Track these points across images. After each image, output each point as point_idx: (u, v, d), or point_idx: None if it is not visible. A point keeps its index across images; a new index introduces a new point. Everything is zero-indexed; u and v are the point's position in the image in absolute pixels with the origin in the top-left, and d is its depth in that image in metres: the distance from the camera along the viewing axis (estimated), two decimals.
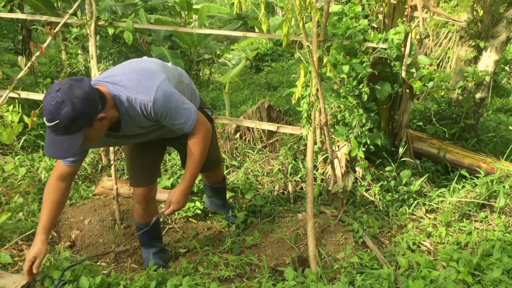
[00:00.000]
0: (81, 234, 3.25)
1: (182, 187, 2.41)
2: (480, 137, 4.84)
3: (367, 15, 3.74)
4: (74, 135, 1.95)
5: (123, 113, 2.16)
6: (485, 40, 4.61)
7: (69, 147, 1.96)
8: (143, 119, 2.23)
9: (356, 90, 3.70)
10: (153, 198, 2.90)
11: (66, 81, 1.95)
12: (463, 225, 3.26)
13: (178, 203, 2.41)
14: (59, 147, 1.97)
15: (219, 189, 3.41)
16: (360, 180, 3.85)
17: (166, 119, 2.24)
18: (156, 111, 2.17)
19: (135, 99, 2.14)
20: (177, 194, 2.41)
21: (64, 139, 1.95)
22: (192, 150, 2.37)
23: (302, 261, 2.83)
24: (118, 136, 2.34)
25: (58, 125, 1.91)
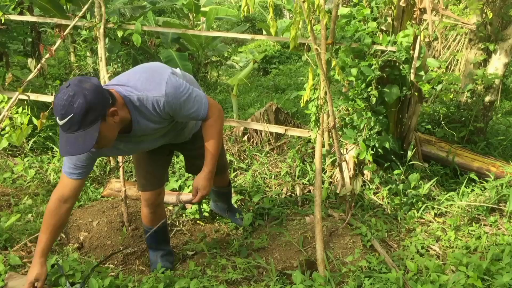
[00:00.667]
0: (89, 236, 3.26)
1: (206, 171, 2.39)
2: (489, 141, 4.80)
3: (376, 17, 3.74)
4: (89, 129, 1.93)
5: (134, 113, 2.15)
6: (495, 43, 4.58)
7: (86, 142, 1.93)
8: (155, 118, 2.20)
9: (364, 93, 3.69)
10: (161, 203, 2.90)
11: (75, 78, 1.96)
12: (472, 229, 3.24)
13: (205, 188, 2.39)
14: (75, 144, 1.93)
15: (224, 194, 3.36)
16: (368, 183, 3.83)
17: (180, 112, 2.22)
18: (169, 105, 2.15)
19: (147, 98, 2.13)
20: (202, 180, 2.39)
21: (79, 135, 1.92)
22: (209, 133, 2.36)
23: (310, 264, 2.82)
24: (128, 141, 2.32)
25: (72, 119, 1.88)
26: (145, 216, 2.90)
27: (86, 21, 4.04)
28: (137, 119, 2.18)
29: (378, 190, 3.77)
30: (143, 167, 2.78)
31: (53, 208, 2.26)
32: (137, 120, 2.18)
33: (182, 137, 2.67)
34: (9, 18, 4.44)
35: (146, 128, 2.25)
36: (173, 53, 7.49)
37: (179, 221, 3.52)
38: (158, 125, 2.28)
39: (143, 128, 2.24)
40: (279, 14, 17.12)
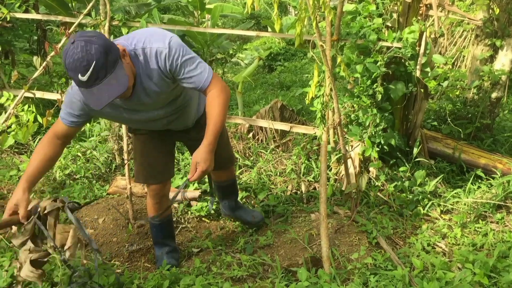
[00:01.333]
0: (95, 233, 3.27)
1: (206, 143, 2.24)
2: (496, 137, 4.77)
3: (381, 14, 3.71)
4: (116, 70, 1.93)
5: (139, 67, 2.13)
6: (502, 39, 4.54)
7: (120, 80, 1.94)
8: (158, 77, 2.18)
9: (370, 89, 3.67)
10: (166, 194, 2.89)
11: (73, 35, 1.94)
12: (478, 226, 3.22)
13: (205, 162, 2.22)
14: (111, 88, 1.92)
15: (230, 186, 3.25)
16: (373, 180, 3.82)
17: (182, 70, 2.16)
18: (171, 58, 2.12)
19: (151, 49, 2.11)
20: (202, 152, 2.23)
21: (110, 79, 1.91)
22: (212, 104, 2.24)
23: (315, 261, 2.81)
24: (129, 106, 2.28)
25: (97, 66, 1.86)
26: (150, 206, 2.89)
27: (91, 19, 4.04)
28: (140, 76, 2.16)
29: (383, 187, 3.75)
30: (149, 159, 2.74)
31: (46, 140, 2.25)
32: (140, 77, 2.16)
33: (185, 120, 2.61)
34: (14, 16, 4.45)
35: (149, 90, 2.22)
36: None
37: (184, 218, 3.52)
38: (159, 89, 2.23)
39: (146, 89, 2.20)
40: (284, 11, 17.09)
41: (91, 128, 4.79)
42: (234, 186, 3.30)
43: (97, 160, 4.28)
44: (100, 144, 4.47)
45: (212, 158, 2.26)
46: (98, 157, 4.30)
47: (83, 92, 1.96)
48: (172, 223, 3.08)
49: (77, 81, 1.91)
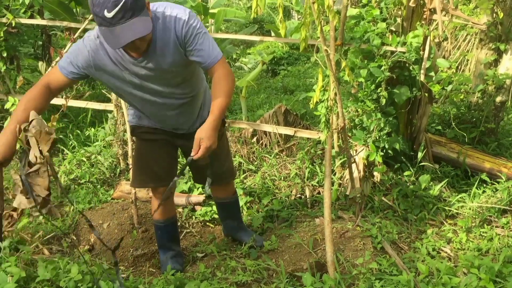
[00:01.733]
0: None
1: (211, 119, 2.21)
2: (500, 141, 4.75)
3: (385, 18, 3.72)
4: (142, 15, 1.95)
5: (156, 31, 2.14)
6: (506, 43, 4.53)
7: (146, 24, 1.94)
8: (174, 44, 2.19)
9: (374, 94, 3.68)
10: (172, 196, 2.90)
11: None
12: (484, 231, 3.20)
13: (209, 138, 2.19)
14: (133, 29, 1.92)
15: (231, 204, 3.18)
16: (378, 185, 3.81)
17: (195, 40, 2.18)
18: (188, 26, 2.14)
19: (170, 14, 2.15)
20: (206, 129, 2.20)
21: (134, 21, 1.92)
22: (220, 84, 2.24)
23: (320, 266, 2.80)
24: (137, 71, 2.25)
25: (125, 5, 1.88)
26: (154, 208, 2.87)
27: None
28: (156, 41, 2.16)
29: (388, 192, 3.75)
30: (154, 163, 2.70)
31: (38, 91, 2.18)
32: (156, 41, 2.16)
33: (188, 116, 2.58)
34: (19, 21, 4.48)
35: (162, 58, 2.21)
36: None
37: (188, 223, 3.53)
38: (172, 59, 2.23)
39: (159, 55, 2.20)
40: (288, 15, 17.10)
41: (96, 133, 4.81)
42: (236, 205, 3.23)
43: (102, 165, 4.29)
44: (105, 149, 4.48)
45: (216, 136, 2.25)
46: (102, 162, 4.31)
47: (104, 31, 1.95)
48: (177, 227, 3.08)
49: (101, 18, 1.91)
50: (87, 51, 2.18)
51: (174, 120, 2.58)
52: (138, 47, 2.10)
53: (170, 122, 2.59)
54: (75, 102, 4.48)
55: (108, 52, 2.20)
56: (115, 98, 4.04)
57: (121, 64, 2.23)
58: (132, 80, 2.30)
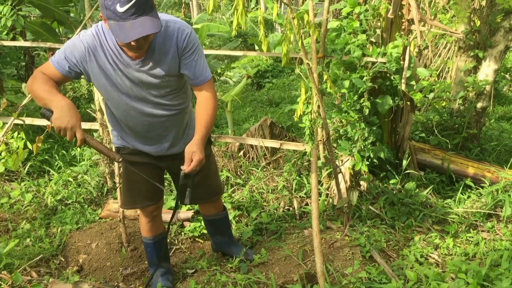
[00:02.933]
0: (88, 258, 3.26)
1: (198, 137, 2.31)
2: (483, 146, 4.84)
3: (365, 30, 3.79)
4: (152, 14, 2.00)
5: (156, 37, 2.19)
6: (484, 50, 4.64)
7: (154, 23, 1.98)
8: (173, 53, 2.24)
9: (357, 104, 3.73)
10: (160, 213, 2.88)
11: None
12: (470, 235, 3.25)
13: (201, 152, 2.28)
14: (144, 26, 1.97)
15: (221, 221, 3.17)
16: (365, 194, 3.85)
17: (192, 55, 2.26)
18: (190, 39, 2.23)
19: (174, 24, 2.22)
20: (195, 144, 2.29)
21: (145, 19, 1.97)
22: (206, 103, 2.35)
23: (310, 277, 2.82)
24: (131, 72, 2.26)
25: (138, 1, 1.94)
26: (143, 226, 2.87)
27: None
28: (155, 46, 2.21)
29: (375, 200, 3.78)
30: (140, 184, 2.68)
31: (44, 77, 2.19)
32: (154, 47, 2.21)
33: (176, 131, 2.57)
34: (2, 44, 4.47)
35: (158, 65, 2.26)
36: None
37: (177, 239, 3.52)
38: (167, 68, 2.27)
39: (157, 62, 2.24)
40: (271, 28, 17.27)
41: (82, 152, 4.79)
42: (226, 220, 3.22)
43: (89, 184, 4.27)
44: (91, 168, 4.47)
45: (203, 152, 2.32)
46: (89, 181, 4.29)
47: (113, 25, 1.99)
48: (167, 244, 3.07)
49: (111, 11, 1.95)
50: (84, 46, 2.19)
51: (158, 136, 2.55)
52: (141, 46, 2.12)
53: (154, 138, 2.56)
54: None
55: (105, 50, 2.22)
56: (100, 117, 4.04)
57: (116, 64, 2.25)
58: (124, 83, 2.30)
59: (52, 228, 3.67)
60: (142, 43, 2.08)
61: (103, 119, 4.04)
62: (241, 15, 2.13)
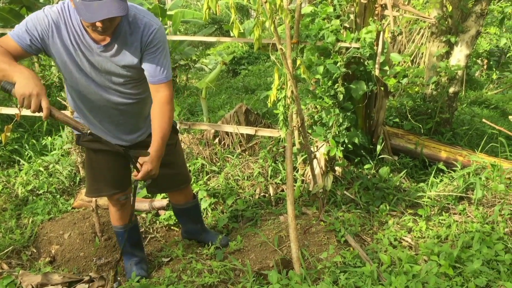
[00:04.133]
0: (61, 249, 3.20)
1: (154, 149, 2.28)
2: (455, 131, 4.91)
3: (339, 15, 3.78)
4: None
5: (123, 26, 2.16)
6: (456, 35, 4.68)
7: (122, 5, 1.97)
8: (136, 47, 2.21)
9: (331, 90, 3.73)
10: (129, 201, 2.81)
11: None
12: (442, 218, 3.30)
13: (152, 163, 2.26)
14: (112, 7, 1.95)
15: (192, 209, 3.14)
16: (340, 179, 3.87)
17: (155, 52, 2.23)
18: (155, 36, 2.20)
19: (143, 18, 2.20)
20: (149, 162, 2.26)
21: (112, 1, 1.95)
22: (163, 110, 2.29)
23: (286, 263, 2.83)
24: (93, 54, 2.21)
25: None
26: (113, 215, 2.83)
27: None
28: (120, 34, 2.17)
29: (350, 186, 3.81)
30: (110, 172, 2.63)
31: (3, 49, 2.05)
32: (120, 35, 2.17)
33: (134, 121, 2.52)
34: None
35: (120, 54, 2.22)
36: None
37: (152, 228, 3.48)
38: (130, 59, 2.23)
39: (117, 49, 2.21)
40: (246, 14, 17.12)
41: (53, 141, 4.68)
42: (197, 208, 3.21)
43: (60, 174, 4.18)
44: (63, 158, 4.38)
45: (158, 165, 2.31)
46: (61, 171, 4.20)
47: (79, 5, 1.97)
48: (139, 232, 3.04)
49: None
50: (48, 21, 2.13)
51: (115, 124, 2.48)
52: (106, 29, 2.07)
53: (111, 126, 2.49)
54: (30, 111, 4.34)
55: (68, 28, 2.16)
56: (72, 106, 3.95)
57: (78, 45, 2.19)
58: (83, 64, 2.24)
59: (23, 219, 3.59)
60: (108, 25, 2.03)
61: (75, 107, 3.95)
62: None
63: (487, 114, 6.75)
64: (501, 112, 7.15)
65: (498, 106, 7.45)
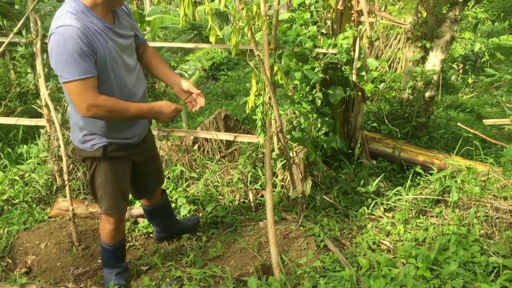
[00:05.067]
0: (37, 259, 3.14)
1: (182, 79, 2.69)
2: (432, 134, 4.99)
3: (316, 21, 3.81)
4: None
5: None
6: (431, 40, 4.77)
7: None
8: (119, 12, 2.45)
9: (309, 95, 3.75)
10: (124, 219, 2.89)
11: None
12: (420, 221, 3.34)
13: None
14: None
15: (166, 202, 3.22)
16: (319, 184, 3.89)
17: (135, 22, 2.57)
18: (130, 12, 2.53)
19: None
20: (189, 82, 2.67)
21: None
22: (159, 56, 2.74)
23: (266, 269, 2.83)
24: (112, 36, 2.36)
25: None
26: (106, 233, 2.79)
27: (23, 37, 3.90)
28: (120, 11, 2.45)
29: (329, 190, 3.83)
30: (120, 185, 2.66)
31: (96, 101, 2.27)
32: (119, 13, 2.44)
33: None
34: None
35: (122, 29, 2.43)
36: None
37: (131, 236, 3.45)
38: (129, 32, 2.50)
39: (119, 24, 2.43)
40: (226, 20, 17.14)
41: (29, 150, 4.60)
42: (168, 200, 3.29)
43: (37, 182, 4.11)
44: (39, 166, 4.30)
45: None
46: (37, 180, 4.12)
47: None
48: (125, 245, 3.01)
49: None
50: (80, 35, 2.16)
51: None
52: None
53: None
54: (5, 119, 4.27)
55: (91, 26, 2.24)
56: (47, 113, 3.90)
57: (105, 34, 2.30)
58: (116, 50, 2.36)
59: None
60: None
61: (49, 115, 3.90)
62: (188, 5, 2.09)
63: (463, 117, 6.87)
64: (477, 116, 7.29)
65: (474, 110, 7.60)
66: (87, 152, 2.55)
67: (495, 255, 2.71)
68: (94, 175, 2.62)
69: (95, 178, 2.63)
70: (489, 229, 3.05)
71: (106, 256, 2.87)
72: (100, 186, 2.62)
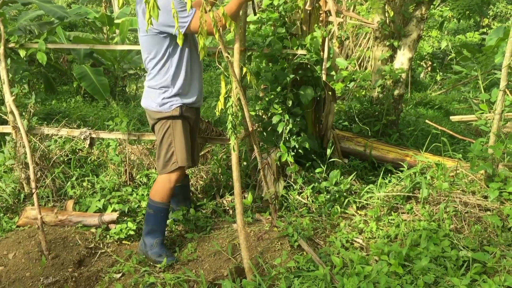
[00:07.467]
0: (5, 270, 3.05)
1: None
2: (401, 132, 5.06)
3: (285, 22, 3.82)
4: None
5: None
6: (398, 39, 4.84)
7: None
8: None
9: (280, 96, 3.76)
10: None
11: None
12: (391, 218, 3.38)
13: None
14: None
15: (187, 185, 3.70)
16: (292, 184, 3.90)
17: None
18: None
19: None
20: None
21: None
22: None
23: (240, 271, 2.81)
24: None
25: None
26: (164, 192, 3.09)
27: None
28: None
29: (302, 190, 3.84)
30: (189, 144, 3.10)
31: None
32: None
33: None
34: None
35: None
36: (87, 69, 7.24)
37: (103, 243, 3.38)
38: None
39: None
40: None
41: None
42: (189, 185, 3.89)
43: (3, 191, 3.99)
44: (6, 174, 4.18)
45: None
46: (4, 188, 4.01)
47: None
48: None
49: None
50: None
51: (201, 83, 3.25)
52: None
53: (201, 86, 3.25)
54: None
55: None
56: (12, 120, 3.79)
57: None
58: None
59: None
60: None
61: (15, 121, 3.80)
62: (153, 8, 2.06)
63: (431, 114, 7.00)
64: (445, 112, 7.44)
65: (442, 106, 7.75)
66: (165, 113, 3.01)
67: (465, 249, 2.76)
68: (165, 134, 3.05)
69: (165, 137, 3.05)
70: (458, 224, 3.11)
71: (156, 220, 3.11)
72: (173, 143, 3.05)
